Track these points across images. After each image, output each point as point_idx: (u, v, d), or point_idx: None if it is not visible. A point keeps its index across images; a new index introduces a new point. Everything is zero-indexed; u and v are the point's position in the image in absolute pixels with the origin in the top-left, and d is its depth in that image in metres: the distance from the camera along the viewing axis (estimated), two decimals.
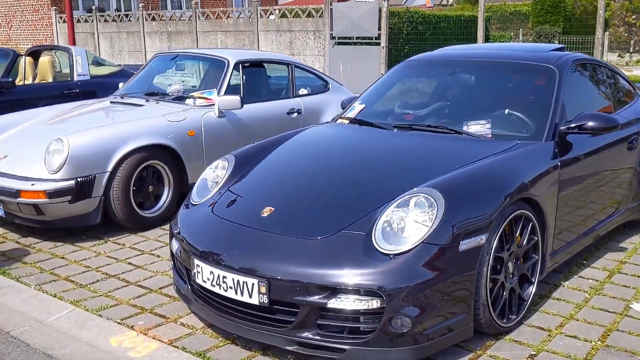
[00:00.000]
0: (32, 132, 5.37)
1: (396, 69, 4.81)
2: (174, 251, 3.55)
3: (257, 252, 3.01)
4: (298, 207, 3.27)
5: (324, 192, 3.35)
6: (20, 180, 4.68)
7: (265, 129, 6.01)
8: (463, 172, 3.22)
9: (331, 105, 6.75)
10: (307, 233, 3.03)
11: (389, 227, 2.93)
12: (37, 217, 4.74)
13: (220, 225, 3.30)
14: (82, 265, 4.41)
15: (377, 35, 13.99)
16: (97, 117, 5.52)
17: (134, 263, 4.44)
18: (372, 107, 4.54)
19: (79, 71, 8.42)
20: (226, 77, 5.82)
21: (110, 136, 4.89)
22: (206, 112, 5.57)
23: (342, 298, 2.81)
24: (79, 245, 4.81)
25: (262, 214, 3.23)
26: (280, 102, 6.31)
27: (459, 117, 4.14)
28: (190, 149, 5.37)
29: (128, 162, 4.91)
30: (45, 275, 4.21)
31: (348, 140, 4.01)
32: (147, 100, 5.81)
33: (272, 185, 3.56)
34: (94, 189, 4.78)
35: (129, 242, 4.87)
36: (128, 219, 4.96)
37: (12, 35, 23.49)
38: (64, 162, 4.62)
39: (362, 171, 3.51)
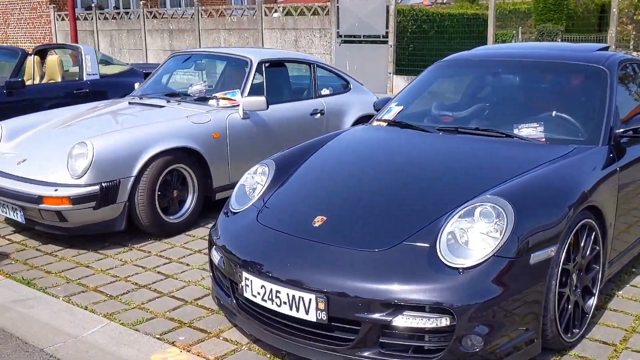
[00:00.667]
0: (50, 134, 5.18)
1: (432, 69, 4.65)
2: (215, 262, 3.37)
3: (313, 266, 2.83)
4: (351, 216, 3.09)
5: (378, 200, 3.17)
6: (42, 185, 4.48)
7: (289, 130, 5.84)
8: (526, 179, 3.05)
9: (353, 105, 6.58)
10: (365, 245, 2.85)
11: (453, 238, 2.76)
12: (60, 224, 4.55)
13: (269, 236, 3.12)
14: (110, 274, 4.22)
15: (385, 34, 13.83)
16: (118, 119, 5.33)
17: (164, 272, 4.25)
18: (410, 109, 4.36)
19: (89, 70, 8.22)
20: (250, 77, 5.64)
21: (135, 139, 4.70)
22: (231, 114, 5.38)
23: (408, 315, 2.64)
24: (103, 253, 4.62)
25: (314, 224, 3.05)
26: (303, 102, 6.13)
27: (503, 119, 3.98)
28: (215, 152, 5.19)
29: (153, 166, 4.72)
30: (73, 286, 4.02)
31: (392, 144, 3.84)
32: (167, 101, 5.61)
33: (320, 193, 3.38)
34: (118, 194, 4.59)
35: (154, 249, 4.68)
36: (153, 225, 4.77)
37: (10, 33, 23.19)
38: (89, 167, 4.43)
39: (414, 178, 3.34)
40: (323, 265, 2.81)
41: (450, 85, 4.70)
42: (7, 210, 4.73)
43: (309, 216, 3.12)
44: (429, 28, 17.91)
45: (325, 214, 3.09)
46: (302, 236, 3.01)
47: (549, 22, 22.64)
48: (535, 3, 23.61)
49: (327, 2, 15.10)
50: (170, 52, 17.55)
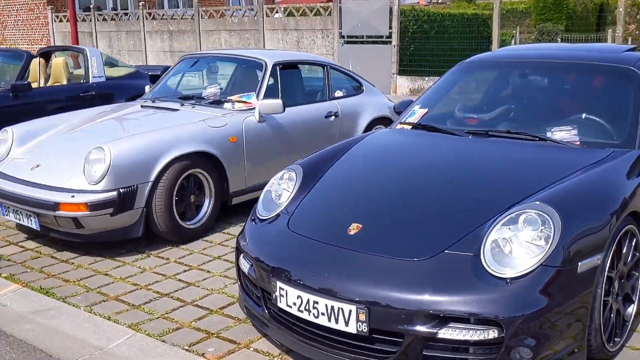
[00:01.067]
0: (63, 139, 5.07)
1: (455, 70, 4.57)
2: (245, 271, 3.28)
3: (352, 276, 2.74)
4: (388, 223, 3.00)
5: (414, 207, 3.08)
6: (58, 191, 4.38)
7: (304, 133, 5.76)
8: (569, 185, 2.96)
9: (366, 107, 6.50)
10: (405, 253, 2.77)
11: (497, 247, 2.68)
12: (76, 230, 4.45)
13: (302, 244, 3.03)
14: (130, 282, 4.12)
15: (388, 34, 13.76)
16: (132, 123, 5.23)
17: (185, 280, 4.16)
18: (433, 111, 4.28)
19: (94, 73, 8.12)
20: (265, 79, 5.54)
21: (153, 144, 4.61)
22: (247, 117, 5.29)
23: (454, 327, 2.55)
24: (120, 260, 4.52)
25: (349, 232, 2.97)
26: (317, 105, 6.04)
27: (533, 122, 3.90)
28: (231, 156, 5.10)
29: (171, 170, 4.63)
30: (93, 295, 3.92)
31: (422, 149, 3.75)
32: (181, 104, 5.52)
33: (353, 199, 3.29)
34: (136, 200, 4.49)
35: (172, 256, 4.59)
36: (171, 231, 4.67)
37: (6, 35, 23.01)
38: (106, 172, 4.33)
39: (449, 183, 3.25)
40: (363, 275, 2.72)
41: (474, 86, 4.61)
42: (21, 216, 4.63)
43: (343, 223, 3.03)
44: (429, 28, 17.86)
45: (361, 221, 3.01)
46: (337, 244, 2.92)
47: (548, 22, 22.61)
48: (535, 2, 23.57)
49: (328, 3, 15.03)
50: (170, 54, 17.46)
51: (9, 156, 5.10)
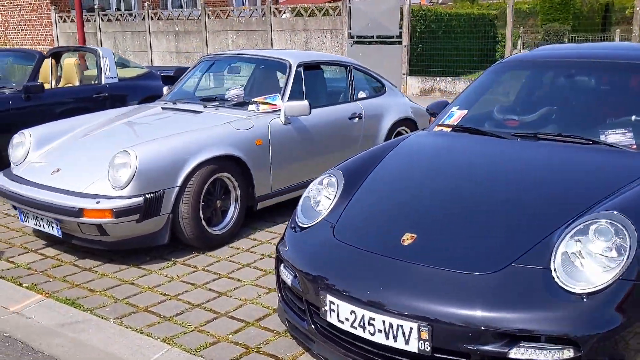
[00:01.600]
0: (84, 142, 4.90)
1: (492, 70, 4.40)
2: (287, 282, 3.10)
3: (412, 290, 2.57)
4: (444, 233, 2.83)
5: (471, 215, 2.91)
6: (82, 197, 4.21)
7: (329, 136, 5.60)
8: (637, 191, 2.79)
9: (390, 109, 6.33)
10: (468, 267, 2.59)
11: (568, 259, 2.51)
12: (100, 238, 4.28)
13: (352, 255, 2.86)
14: (158, 292, 3.95)
15: (399, 34, 13.60)
16: (155, 125, 5.05)
17: (215, 289, 3.98)
18: (472, 113, 4.11)
19: (107, 74, 7.93)
20: (289, 80, 5.37)
21: (179, 147, 4.43)
22: (272, 119, 5.12)
23: (526, 347, 2.38)
24: (146, 268, 4.35)
25: (403, 242, 2.79)
26: (341, 106, 5.87)
27: (580, 124, 3.74)
28: (257, 160, 4.93)
29: (198, 175, 4.46)
30: (122, 306, 3.75)
31: (467, 152, 3.58)
32: (204, 106, 5.34)
33: (402, 206, 3.12)
34: (162, 206, 4.32)
35: (199, 263, 4.41)
36: (197, 237, 4.50)
37: (9, 35, 22.83)
38: (132, 177, 4.16)
39: (506, 190, 3.08)
40: (424, 290, 2.55)
41: (512, 87, 4.44)
42: (42, 223, 4.45)
43: (395, 233, 2.86)
44: (437, 28, 17.73)
45: (414, 231, 2.83)
46: (391, 256, 2.75)
47: (555, 22, 22.47)
48: (542, 2, 23.42)
49: (334, 2, 14.87)
50: (176, 54, 17.29)
51: (26, 160, 4.93)
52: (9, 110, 6.88)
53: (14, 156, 4.98)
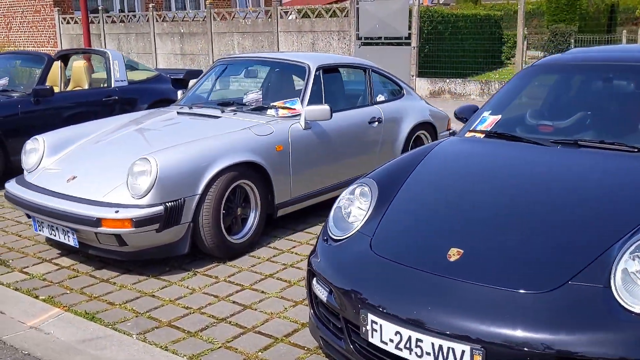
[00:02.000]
0: (99, 148, 4.76)
1: (524, 74, 4.25)
2: (322, 299, 2.95)
3: (462, 310, 2.42)
4: (493, 248, 2.68)
5: (518, 228, 2.76)
6: (100, 206, 4.06)
7: (349, 140, 5.46)
8: None
9: (409, 112, 6.19)
10: (521, 284, 2.44)
11: (628, 277, 2.36)
12: (118, 248, 4.13)
13: (393, 271, 2.71)
14: (180, 305, 3.80)
15: (408, 35, 13.45)
16: (173, 131, 4.90)
17: (239, 302, 3.84)
18: (505, 118, 3.96)
19: (117, 77, 7.81)
20: (309, 84, 5.23)
21: (200, 154, 4.29)
22: (293, 124, 4.97)
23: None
24: (165, 279, 4.20)
25: (449, 258, 2.64)
26: (360, 110, 5.72)
27: (620, 130, 3.58)
28: (278, 166, 4.78)
29: (219, 182, 4.31)
30: (144, 321, 3.60)
31: (507, 160, 3.43)
32: (222, 110, 5.20)
33: (444, 219, 2.96)
34: (182, 214, 4.17)
35: (221, 274, 4.27)
36: (218, 246, 4.36)
37: (11, 37, 22.68)
38: (152, 185, 4.01)
39: (554, 201, 2.92)
40: (476, 310, 2.40)
41: (544, 91, 4.30)
42: (57, 232, 4.31)
43: (440, 248, 2.71)
44: (444, 29, 17.59)
45: (461, 246, 2.68)
46: (437, 273, 2.60)
47: (561, 23, 22.32)
48: (548, 3, 23.27)
49: (338, 3, 14.72)
50: (181, 56, 17.15)
51: (40, 166, 4.78)
52: (18, 115, 6.75)
53: (27, 163, 4.83)
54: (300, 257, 4.53)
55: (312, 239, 4.90)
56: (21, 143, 6.65)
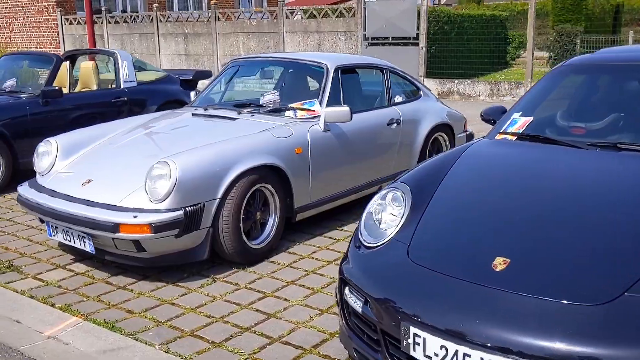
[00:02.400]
0: (114, 151, 4.63)
1: (554, 74, 4.13)
2: (355, 308, 2.82)
3: (513, 323, 2.29)
4: (540, 257, 2.55)
5: (566, 235, 2.63)
6: (117, 211, 3.93)
7: (368, 143, 5.33)
8: None
9: (426, 114, 6.06)
10: (573, 296, 2.31)
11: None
12: (136, 254, 4.00)
13: (435, 281, 2.58)
14: (202, 314, 3.67)
15: (416, 35, 13.33)
16: (190, 133, 4.77)
17: (263, 310, 3.71)
18: (538, 120, 3.84)
19: (126, 77, 7.68)
20: (327, 85, 5.10)
21: (220, 156, 4.16)
22: (312, 126, 4.84)
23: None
24: (184, 286, 4.07)
25: (494, 267, 2.51)
26: (379, 111, 5.59)
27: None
28: (297, 169, 4.65)
29: (239, 185, 4.19)
30: (166, 330, 3.47)
31: (546, 164, 3.29)
32: (238, 112, 5.07)
33: (486, 226, 2.83)
34: (202, 219, 4.04)
35: (241, 280, 4.14)
36: (237, 252, 4.23)
37: (13, 37, 22.55)
38: (172, 189, 3.88)
39: (597, 206, 2.80)
40: (527, 323, 2.27)
41: (573, 92, 4.17)
42: (72, 238, 4.18)
43: (484, 257, 2.58)
44: (450, 29, 17.49)
45: (507, 255, 2.55)
46: (483, 283, 2.47)
47: (567, 23, 22.18)
48: (553, 3, 23.14)
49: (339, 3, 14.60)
50: (185, 57, 17.02)
51: (53, 170, 4.66)
52: (27, 116, 6.63)
53: (40, 166, 4.70)
54: (322, 263, 4.40)
55: (332, 244, 4.78)
56: (30, 145, 6.56)
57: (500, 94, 12.85)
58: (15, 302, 3.82)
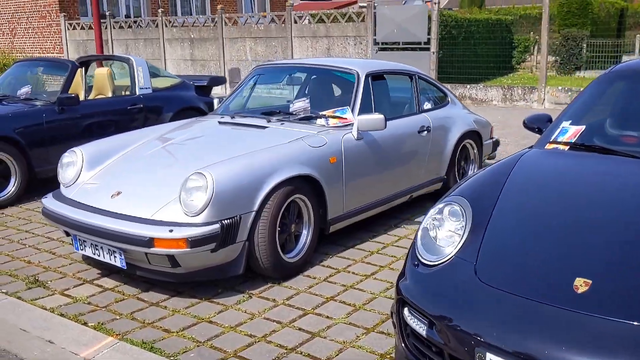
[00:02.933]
0: (143, 162, 4.47)
1: (602, 80, 3.98)
2: (419, 331, 2.67)
3: (603, 350, 2.13)
4: (624, 277, 2.39)
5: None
6: (152, 225, 3.77)
7: (401, 151, 5.19)
8: None
9: (455, 121, 5.91)
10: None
11: None
12: (170, 269, 3.84)
13: (511, 303, 2.42)
14: (243, 332, 3.51)
15: (427, 40, 13.19)
16: (221, 143, 4.60)
17: (306, 328, 3.55)
18: (588, 128, 3.69)
19: (141, 84, 7.52)
20: (358, 92, 4.95)
21: (255, 167, 4.01)
22: (345, 134, 4.69)
23: None
24: (220, 302, 3.91)
25: (576, 289, 2.36)
26: (410, 118, 5.44)
27: None
28: (331, 179, 4.50)
29: (275, 197, 4.03)
30: (207, 351, 3.31)
31: (609, 176, 3.14)
32: (267, 120, 4.91)
33: (559, 243, 2.67)
34: (238, 233, 3.88)
35: (277, 296, 3.98)
36: (273, 266, 4.07)
37: (16, 43, 22.39)
38: (208, 202, 3.72)
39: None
40: (619, 350, 2.11)
41: (621, 99, 4.02)
42: (102, 252, 4.01)
43: (563, 277, 2.43)
44: (457, 34, 17.39)
45: (588, 275, 2.40)
46: (565, 306, 2.31)
47: (573, 27, 22.09)
48: (559, 7, 23.03)
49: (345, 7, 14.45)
50: (191, 62, 16.87)
51: (78, 181, 4.49)
52: (43, 124, 6.46)
53: (65, 177, 4.54)
54: (359, 277, 4.25)
55: (367, 257, 4.62)
56: (45, 154, 6.42)
57: (513, 99, 12.71)
58: (45, 320, 3.65)
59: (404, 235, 5.06)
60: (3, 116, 6.27)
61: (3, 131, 6.12)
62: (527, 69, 21.10)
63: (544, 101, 12.27)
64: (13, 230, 5.41)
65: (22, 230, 5.44)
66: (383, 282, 4.18)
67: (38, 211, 5.95)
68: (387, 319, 3.63)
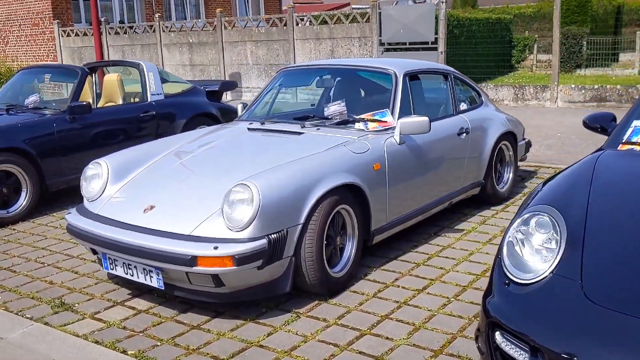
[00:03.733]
0: (175, 173, 4.16)
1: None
2: (516, 358, 2.37)
3: None
4: None
5: None
6: (193, 241, 3.45)
7: (442, 155, 4.92)
8: None
9: (492, 122, 5.64)
10: None
11: None
12: (214, 289, 3.53)
13: (633, 326, 2.14)
14: (300, 358, 3.20)
15: (434, 40, 12.93)
16: (257, 151, 4.30)
17: (367, 352, 3.25)
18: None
19: (152, 90, 7.20)
20: (397, 93, 4.66)
21: (300, 177, 3.70)
22: (387, 139, 4.40)
23: None
24: (266, 323, 3.60)
25: None
26: (449, 120, 5.16)
27: None
28: (375, 187, 4.20)
29: (321, 208, 3.73)
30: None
31: None
32: (301, 126, 4.60)
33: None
34: (285, 247, 3.58)
35: (328, 315, 3.68)
36: (321, 282, 3.78)
37: (8, 51, 21.98)
38: (255, 216, 3.42)
39: None
40: None
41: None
42: (136, 272, 3.70)
43: None
44: (459, 33, 17.18)
45: None
46: None
47: (572, 25, 21.94)
48: None
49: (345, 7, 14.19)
50: (190, 67, 16.55)
51: (104, 194, 4.17)
52: (54, 134, 6.14)
53: (89, 190, 4.22)
54: (411, 292, 3.95)
55: (413, 269, 4.33)
56: (57, 165, 6.10)
57: (525, 98, 12.47)
58: (81, 349, 3.33)
59: (447, 245, 4.77)
60: (12, 127, 5.94)
61: (13, 142, 5.79)
62: (527, 68, 20.93)
63: (557, 99, 12.03)
64: (29, 248, 5.08)
65: (38, 247, 5.11)
66: (438, 297, 3.88)
67: (53, 226, 5.63)
68: (453, 339, 3.34)
